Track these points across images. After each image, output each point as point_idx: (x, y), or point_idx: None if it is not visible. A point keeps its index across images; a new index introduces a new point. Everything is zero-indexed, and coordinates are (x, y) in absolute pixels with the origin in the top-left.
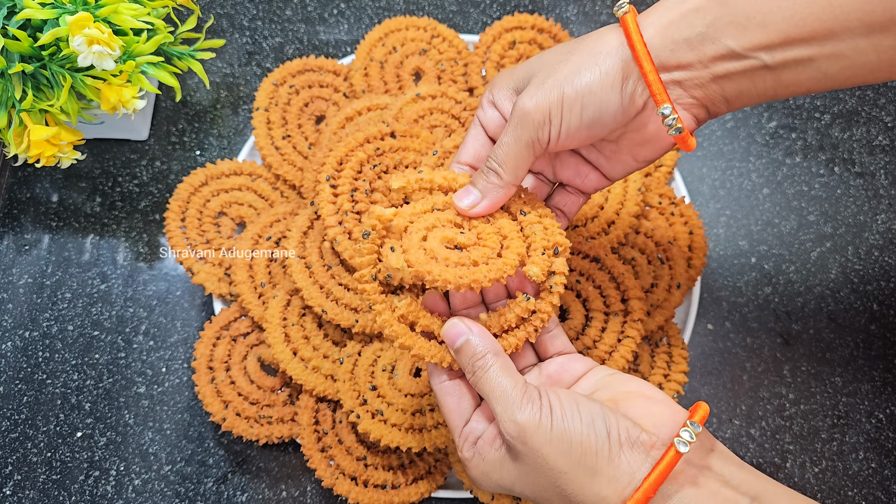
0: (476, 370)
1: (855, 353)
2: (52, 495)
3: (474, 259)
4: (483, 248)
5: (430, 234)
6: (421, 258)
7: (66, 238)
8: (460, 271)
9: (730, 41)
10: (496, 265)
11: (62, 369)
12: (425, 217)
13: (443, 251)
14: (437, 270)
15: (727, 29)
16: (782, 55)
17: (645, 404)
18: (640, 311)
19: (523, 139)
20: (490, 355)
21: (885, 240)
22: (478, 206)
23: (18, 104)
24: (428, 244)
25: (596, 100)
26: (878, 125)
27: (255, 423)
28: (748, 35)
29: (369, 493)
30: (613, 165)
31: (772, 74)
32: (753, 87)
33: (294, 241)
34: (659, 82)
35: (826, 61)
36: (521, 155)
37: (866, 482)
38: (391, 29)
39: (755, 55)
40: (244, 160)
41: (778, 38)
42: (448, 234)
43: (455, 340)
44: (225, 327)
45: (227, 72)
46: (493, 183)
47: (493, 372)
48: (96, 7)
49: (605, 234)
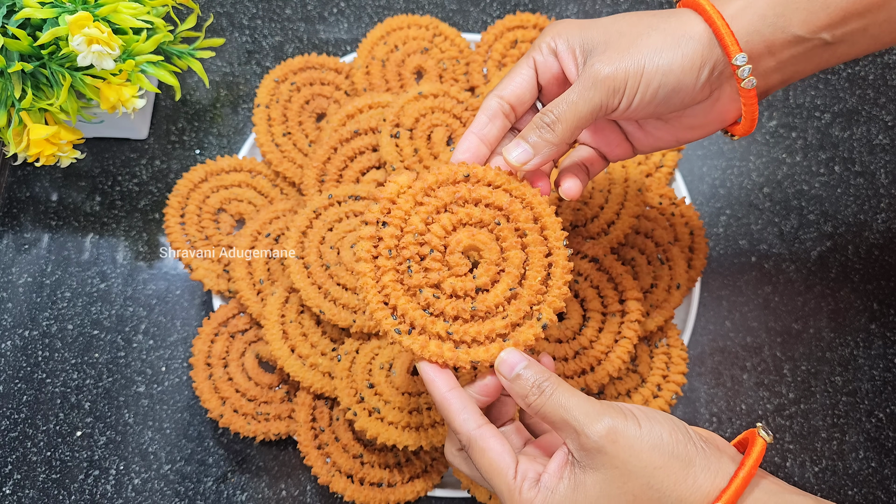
0: (544, 390)
1: (855, 352)
2: (52, 494)
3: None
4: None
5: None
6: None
7: (66, 237)
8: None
9: (797, 28)
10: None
11: (62, 368)
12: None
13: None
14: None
15: (795, 15)
16: (841, 30)
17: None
18: (638, 312)
19: (593, 101)
20: (553, 378)
21: (886, 239)
22: (529, 163)
23: (18, 103)
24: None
25: (674, 80)
26: (878, 124)
27: (253, 420)
28: (813, 18)
29: (365, 490)
30: (649, 141)
31: (829, 50)
32: (810, 64)
33: (293, 240)
34: (732, 34)
35: (878, 28)
36: (582, 116)
37: (866, 481)
38: (393, 27)
39: (818, 36)
40: (244, 157)
41: (839, 15)
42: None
43: (512, 369)
44: (223, 324)
45: (227, 71)
46: (547, 139)
47: (561, 391)
48: (96, 6)
49: (605, 234)
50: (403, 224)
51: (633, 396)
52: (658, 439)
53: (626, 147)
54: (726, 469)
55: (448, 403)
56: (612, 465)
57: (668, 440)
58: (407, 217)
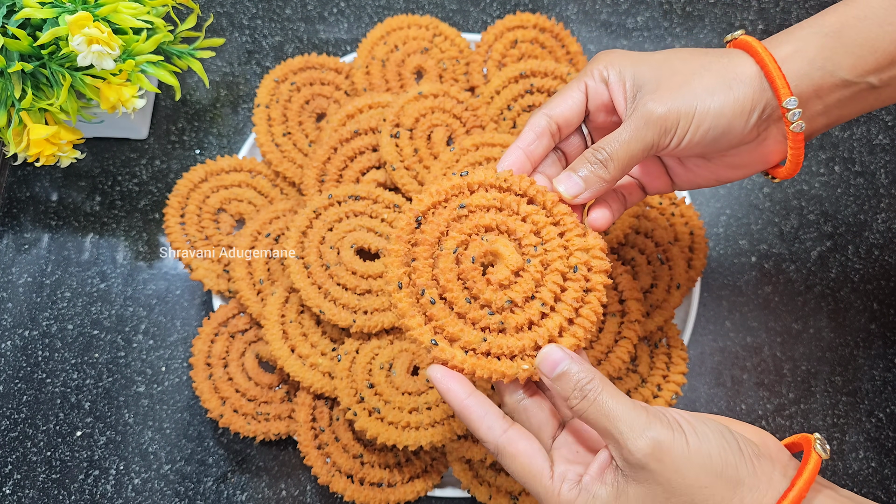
0: (587, 394)
1: (855, 352)
2: (52, 494)
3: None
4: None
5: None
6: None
7: (66, 237)
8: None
9: (845, 73)
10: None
11: (62, 368)
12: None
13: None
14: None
15: (843, 60)
16: (888, 74)
17: (742, 427)
18: (638, 312)
19: (645, 140)
20: (598, 379)
21: (886, 239)
22: (580, 196)
23: (18, 103)
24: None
25: (724, 123)
26: (878, 124)
27: (253, 420)
28: (861, 63)
29: (365, 490)
30: (689, 178)
31: (874, 93)
32: (855, 108)
33: (293, 240)
34: (783, 77)
35: None
36: (635, 155)
37: (866, 481)
38: (393, 27)
39: (865, 80)
40: (244, 157)
41: (886, 60)
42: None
43: (554, 368)
44: (223, 324)
45: (227, 71)
46: (599, 176)
47: (605, 396)
48: (96, 6)
49: (605, 234)
50: (444, 228)
51: (633, 396)
52: (706, 458)
53: (665, 181)
54: (777, 487)
55: (469, 411)
56: (655, 482)
57: (716, 459)
58: (447, 226)
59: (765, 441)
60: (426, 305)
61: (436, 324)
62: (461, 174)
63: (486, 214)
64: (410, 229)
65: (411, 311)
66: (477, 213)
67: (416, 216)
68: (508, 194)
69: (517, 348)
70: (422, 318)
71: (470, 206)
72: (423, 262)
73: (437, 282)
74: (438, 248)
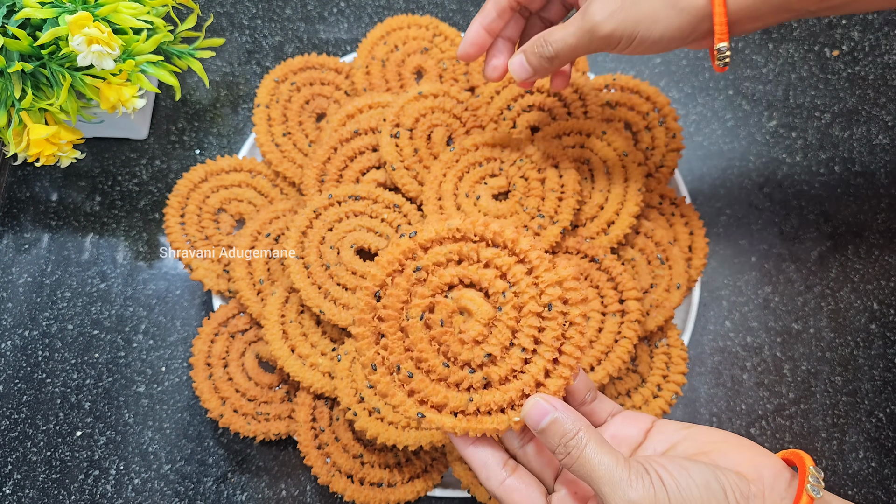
0: (571, 450)
1: (855, 352)
2: (52, 494)
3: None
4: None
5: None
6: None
7: (66, 237)
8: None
9: (794, 3)
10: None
11: (62, 368)
12: None
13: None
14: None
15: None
16: (828, 3)
17: (738, 452)
18: (638, 312)
19: (589, 48)
20: (583, 431)
21: (885, 239)
22: (525, 80)
23: (18, 103)
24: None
25: (664, 44)
26: (878, 124)
27: (253, 420)
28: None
29: (365, 490)
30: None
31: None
32: (788, 17)
33: (293, 240)
34: (725, 24)
35: None
36: (579, 55)
37: (866, 481)
38: (393, 27)
39: (806, 9)
40: (244, 157)
41: None
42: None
43: (540, 420)
44: (223, 324)
45: (227, 71)
46: (545, 67)
47: (590, 450)
48: (96, 6)
49: (605, 234)
50: (406, 297)
51: (633, 396)
52: None
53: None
54: None
55: (471, 461)
56: None
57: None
58: (410, 290)
59: (758, 472)
60: (405, 380)
61: (419, 396)
62: (410, 235)
63: (446, 271)
64: (372, 306)
65: (392, 389)
66: (436, 273)
67: (373, 292)
68: (464, 243)
69: (505, 401)
70: (404, 393)
71: (427, 267)
72: (393, 338)
73: (412, 353)
74: (405, 319)
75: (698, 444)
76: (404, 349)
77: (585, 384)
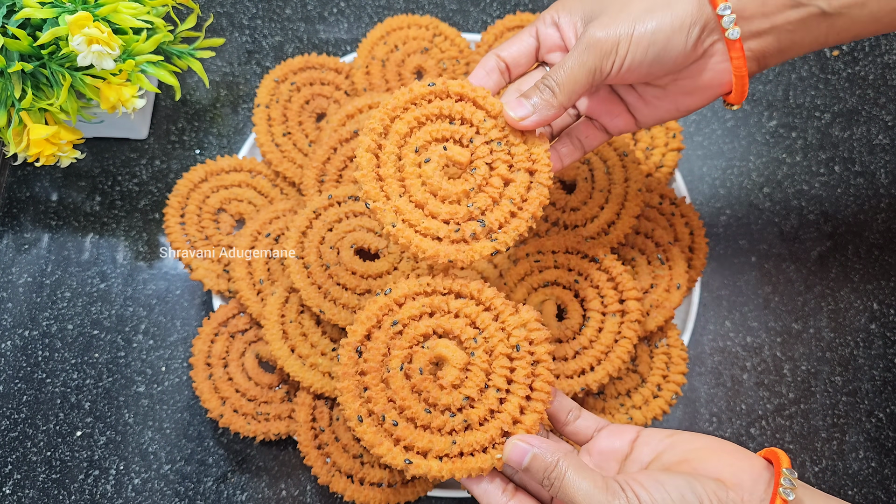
0: (553, 482)
1: (855, 351)
2: (52, 494)
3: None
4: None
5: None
6: None
7: (66, 237)
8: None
9: None
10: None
11: (62, 368)
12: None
13: None
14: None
15: None
16: (839, 1)
17: (719, 458)
18: (638, 312)
19: (587, 65)
20: (561, 461)
21: (886, 239)
22: (528, 120)
23: (18, 103)
24: None
25: (663, 39)
26: (878, 124)
27: (253, 420)
28: None
29: (365, 490)
30: (650, 111)
31: (827, 21)
32: (808, 35)
33: (293, 240)
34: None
35: (877, 3)
36: (580, 80)
37: (866, 481)
38: (393, 27)
39: (814, 2)
40: (244, 157)
41: None
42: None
43: (521, 461)
44: (223, 324)
45: (227, 71)
46: (547, 101)
47: (569, 478)
48: (96, 6)
49: (606, 234)
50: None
51: (633, 396)
52: None
53: (627, 118)
54: None
55: (471, 490)
56: None
57: None
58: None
59: (738, 477)
60: (390, 429)
61: (405, 443)
62: (385, 292)
63: (420, 323)
64: (354, 361)
65: (378, 439)
66: (411, 325)
67: (354, 348)
68: (435, 296)
69: (486, 441)
70: (390, 442)
71: (402, 320)
72: (376, 390)
73: (394, 402)
74: (386, 370)
75: (681, 452)
76: (387, 399)
77: (565, 405)
